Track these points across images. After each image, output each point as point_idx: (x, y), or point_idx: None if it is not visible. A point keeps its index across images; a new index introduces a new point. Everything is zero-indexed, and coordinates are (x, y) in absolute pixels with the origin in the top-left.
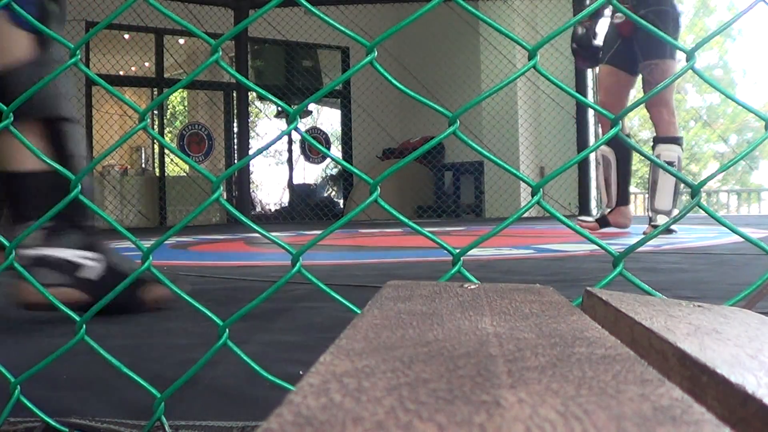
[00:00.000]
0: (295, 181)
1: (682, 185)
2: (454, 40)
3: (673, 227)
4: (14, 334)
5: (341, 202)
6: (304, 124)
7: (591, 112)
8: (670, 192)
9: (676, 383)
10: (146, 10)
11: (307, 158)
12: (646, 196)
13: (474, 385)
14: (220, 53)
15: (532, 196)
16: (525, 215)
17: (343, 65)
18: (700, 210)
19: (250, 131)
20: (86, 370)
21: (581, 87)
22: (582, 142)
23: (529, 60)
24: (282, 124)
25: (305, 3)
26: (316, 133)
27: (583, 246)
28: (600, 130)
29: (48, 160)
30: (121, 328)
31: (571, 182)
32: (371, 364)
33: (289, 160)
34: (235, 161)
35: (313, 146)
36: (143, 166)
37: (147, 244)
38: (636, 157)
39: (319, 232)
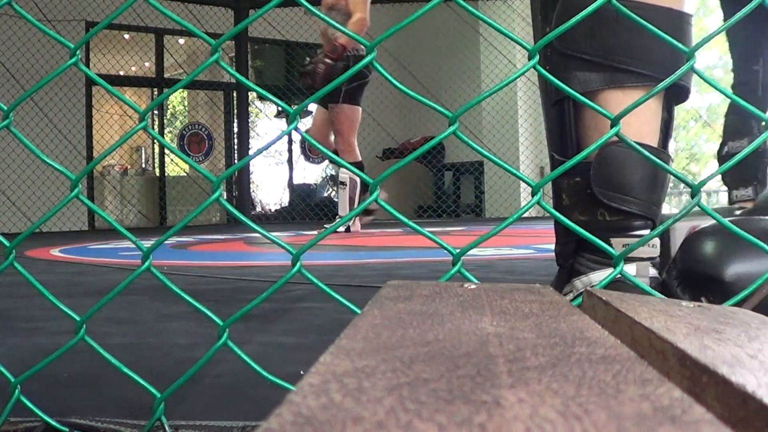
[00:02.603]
0: (295, 181)
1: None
2: (454, 40)
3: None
4: (14, 333)
5: None
6: (304, 124)
7: None
8: (345, 201)
9: (676, 383)
10: (146, 10)
11: (307, 158)
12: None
13: (474, 385)
14: (220, 53)
15: (532, 196)
16: (525, 215)
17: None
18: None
19: (250, 131)
20: (87, 369)
21: None
22: None
23: (529, 60)
24: (282, 124)
25: (305, 3)
26: None
27: None
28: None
29: (48, 160)
30: (121, 327)
31: None
32: (371, 364)
33: (289, 160)
34: (235, 161)
35: (313, 146)
36: (143, 166)
37: (147, 244)
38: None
39: (320, 231)
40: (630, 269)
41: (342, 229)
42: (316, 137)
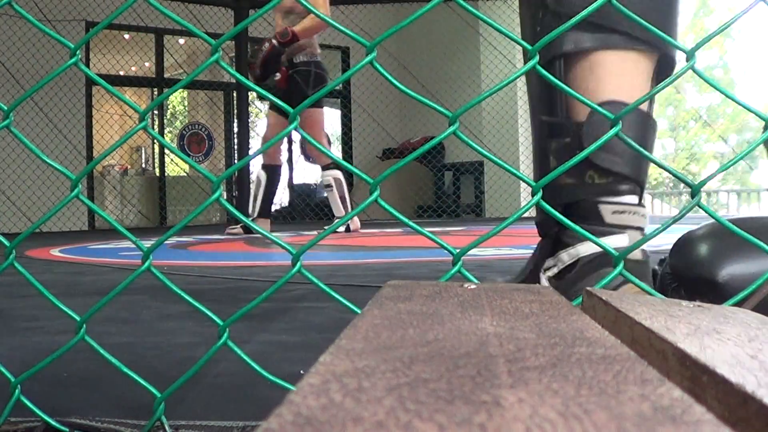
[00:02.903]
0: (295, 181)
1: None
2: (454, 40)
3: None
4: (14, 333)
5: None
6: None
7: None
8: (337, 202)
9: (676, 383)
10: (146, 10)
11: (307, 158)
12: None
13: (474, 385)
14: (220, 53)
15: (532, 196)
16: (525, 215)
17: (343, 65)
18: (701, 210)
19: (250, 131)
20: (87, 369)
21: None
22: None
23: (529, 60)
24: None
25: (305, 3)
26: None
27: None
28: None
29: (48, 160)
30: (121, 327)
31: None
32: (371, 364)
33: (289, 160)
34: (235, 161)
35: (313, 146)
36: (143, 166)
37: (147, 244)
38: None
39: (319, 232)
40: (622, 239)
41: (342, 229)
42: (270, 139)
